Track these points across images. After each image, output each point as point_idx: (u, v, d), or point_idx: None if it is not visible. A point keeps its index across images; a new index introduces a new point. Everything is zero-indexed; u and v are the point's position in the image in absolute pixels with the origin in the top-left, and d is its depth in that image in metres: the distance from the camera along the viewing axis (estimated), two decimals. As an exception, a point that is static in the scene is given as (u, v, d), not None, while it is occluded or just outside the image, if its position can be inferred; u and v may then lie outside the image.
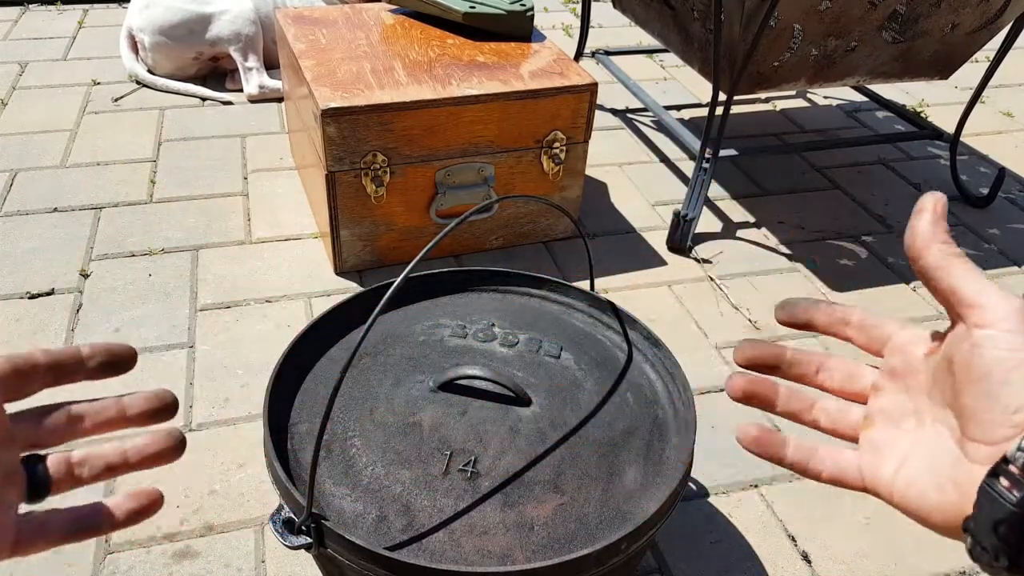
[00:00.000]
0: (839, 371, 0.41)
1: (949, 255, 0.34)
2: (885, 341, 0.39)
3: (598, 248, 1.45)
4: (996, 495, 0.30)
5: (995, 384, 0.31)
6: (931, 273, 0.34)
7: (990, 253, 1.52)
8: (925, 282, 0.35)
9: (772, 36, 1.29)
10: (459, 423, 0.72)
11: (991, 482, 0.30)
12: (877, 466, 0.37)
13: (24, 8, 2.30)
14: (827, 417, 0.40)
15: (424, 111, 1.22)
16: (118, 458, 0.37)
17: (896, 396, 0.38)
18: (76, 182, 1.54)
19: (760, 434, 0.39)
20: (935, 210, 0.35)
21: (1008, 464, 0.30)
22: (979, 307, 0.32)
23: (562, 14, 2.51)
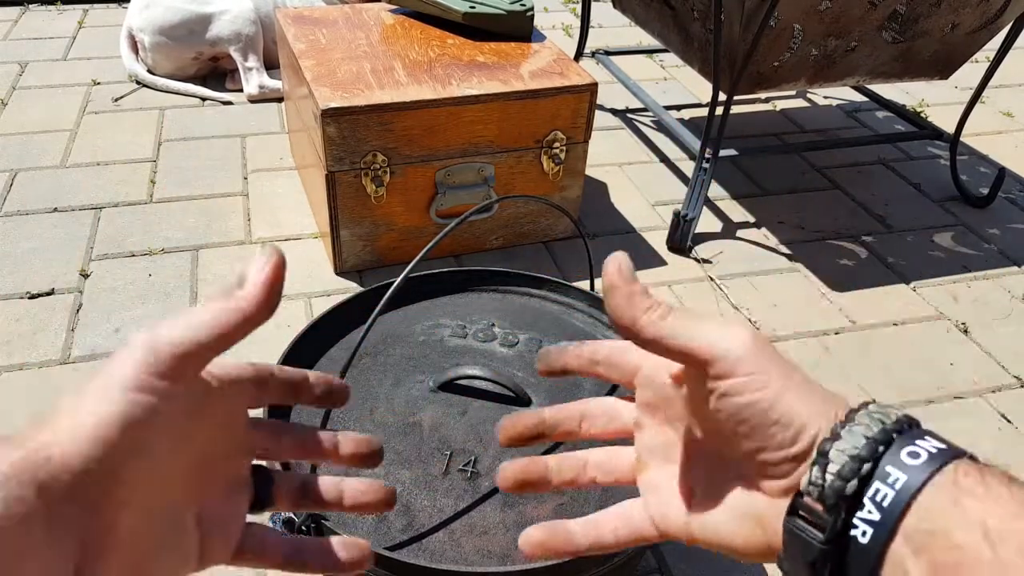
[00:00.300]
0: (600, 416, 0.40)
1: (658, 322, 0.32)
2: (634, 373, 0.38)
3: (598, 248, 1.45)
4: (802, 535, 0.29)
5: (759, 428, 0.31)
6: (655, 346, 0.33)
7: (990, 253, 1.52)
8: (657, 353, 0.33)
9: (772, 36, 1.29)
10: (459, 423, 0.73)
11: (793, 521, 0.30)
12: (664, 511, 0.36)
13: (24, 8, 2.30)
14: (602, 472, 0.40)
15: (424, 111, 1.22)
16: (334, 496, 0.38)
17: (658, 430, 0.37)
18: (76, 182, 1.54)
19: (546, 537, 0.37)
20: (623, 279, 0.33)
21: (803, 497, 0.29)
22: (712, 360, 0.31)
23: (562, 14, 2.51)
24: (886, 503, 0.28)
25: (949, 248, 1.53)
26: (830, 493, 0.28)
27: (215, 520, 0.34)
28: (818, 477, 0.29)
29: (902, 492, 0.27)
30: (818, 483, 0.29)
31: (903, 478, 0.28)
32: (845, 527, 0.29)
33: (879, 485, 0.28)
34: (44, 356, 1.14)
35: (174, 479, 0.31)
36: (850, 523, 0.28)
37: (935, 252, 1.51)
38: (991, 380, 1.23)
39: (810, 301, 1.36)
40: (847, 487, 0.28)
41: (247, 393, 0.36)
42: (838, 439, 0.29)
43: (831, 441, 0.29)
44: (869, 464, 0.28)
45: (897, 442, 0.29)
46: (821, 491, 0.29)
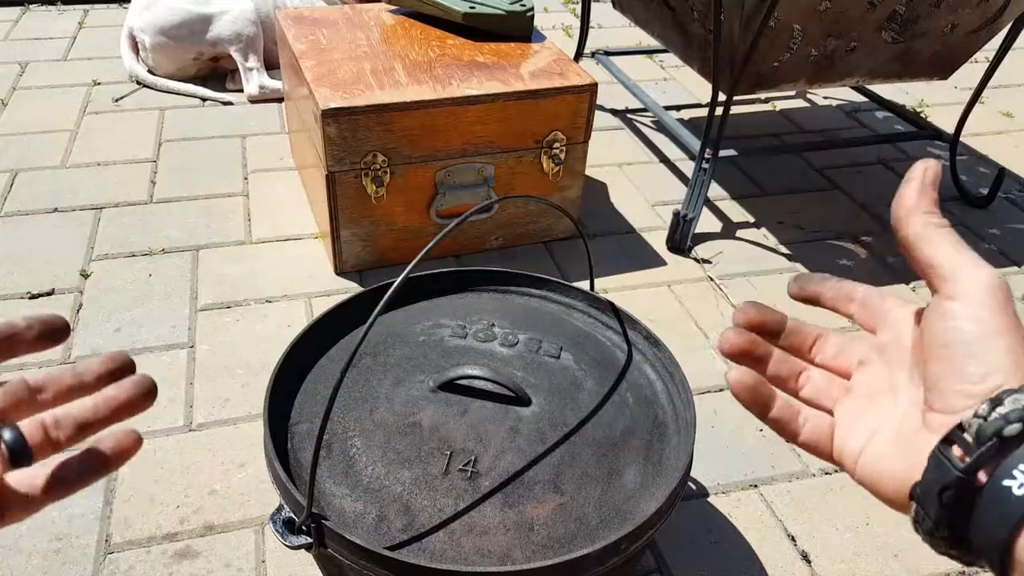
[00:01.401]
0: (832, 346, 0.41)
1: (930, 226, 0.34)
2: (883, 318, 0.39)
3: (598, 248, 1.45)
4: (946, 461, 0.29)
5: (958, 355, 0.31)
6: (911, 244, 0.34)
7: (990, 253, 1.52)
8: (905, 252, 0.35)
9: (772, 36, 1.29)
10: (459, 423, 0.73)
11: (943, 448, 0.30)
12: (846, 438, 0.37)
13: (24, 8, 2.30)
14: (811, 387, 0.40)
15: (424, 111, 1.22)
16: (89, 413, 0.36)
17: (879, 371, 0.38)
18: (76, 182, 1.54)
19: (756, 384, 0.39)
20: (924, 179, 0.34)
21: (963, 431, 0.30)
22: (952, 280, 0.32)
23: (562, 14, 2.51)
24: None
25: (949, 248, 1.53)
26: (988, 428, 0.28)
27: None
28: (984, 412, 0.29)
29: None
30: (982, 415, 0.29)
31: None
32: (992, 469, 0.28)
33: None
34: (44, 356, 1.14)
35: None
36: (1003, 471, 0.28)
37: (935, 252, 1.51)
38: (991, 380, 1.23)
39: (810, 301, 1.36)
40: (1007, 428, 0.28)
41: None
42: (1020, 392, 0.29)
43: (1013, 393, 0.29)
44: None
45: None
46: (981, 425, 0.29)
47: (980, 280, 0.32)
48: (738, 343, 0.40)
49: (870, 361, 0.38)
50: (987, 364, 0.30)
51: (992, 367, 0.30)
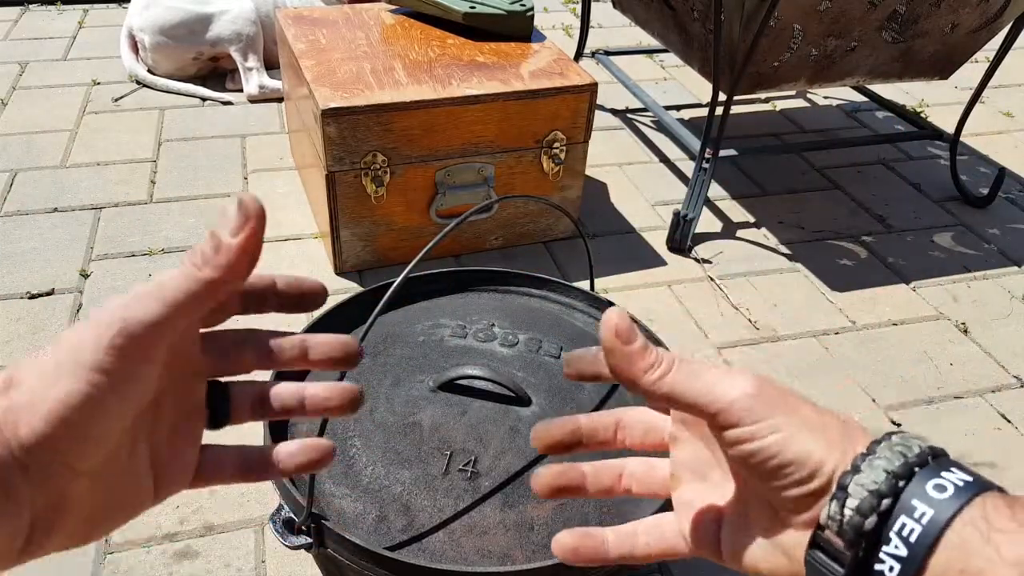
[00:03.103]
0: (637, 426, 0.40)
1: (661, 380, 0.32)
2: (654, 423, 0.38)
3: (598, 248, 1.45)
4: (822, 568, 0.29)
5: (774, 471, 0.31)
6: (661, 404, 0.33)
7: (990, 253, 1.52)
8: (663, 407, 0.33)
9: (772, 36, 1.29)
10: (459, 423, 0.73)
11: (814, 554, 0.30)
12: (696, 530, 0.36)
13: (24, 8, 2.30)
14: (637, 483, 0.39)
15: (424, 111, 1.22)
16: (296, 402, 0.36)
17: (693, 446, 0.37)
18: (76, 182, 1.54)
19: (579, 542, 0.37)
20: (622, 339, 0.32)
21: (824, 531, 0.29)
22: (717, 412, 0.31)
23: (562, 14, 2.51)
24: (913, 538, 0.27)
25: (949, 248, 1.53)
26: (848, 528, 0.28)
27: (170, 454, 0.32)
28: (836, 512, 0.29)
29: (930, 527, 0.27)
30: (836, 518, 0.29)
31: (930, 512, 0.27)
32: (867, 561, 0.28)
33: (905, 519, 0.28)
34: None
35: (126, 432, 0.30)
36: (874, 558, 0.28)
37: (935, 252, 1.51)
38: (991, 380, 1.23)
39: (810, 301, 1.36)
40: (866, 523, 0.28)
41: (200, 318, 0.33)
42: (858, 472, 0.29)
43: (851, 474, 0.29)
44: (889, 500, 0.28)
45: (920, 475, 0.28)
46: (840, 526, 0.29)
47: (741, 392, 0.31)
48: (548, 485, 0.38)
49: (679, 435, 0.38)
50: (805, 463, 0.30)
51: (811, 462, 0.30)
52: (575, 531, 0.37)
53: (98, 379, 0.27)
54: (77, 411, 0.27)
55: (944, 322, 1.34)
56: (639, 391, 0.32)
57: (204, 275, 0.30)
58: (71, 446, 0.27)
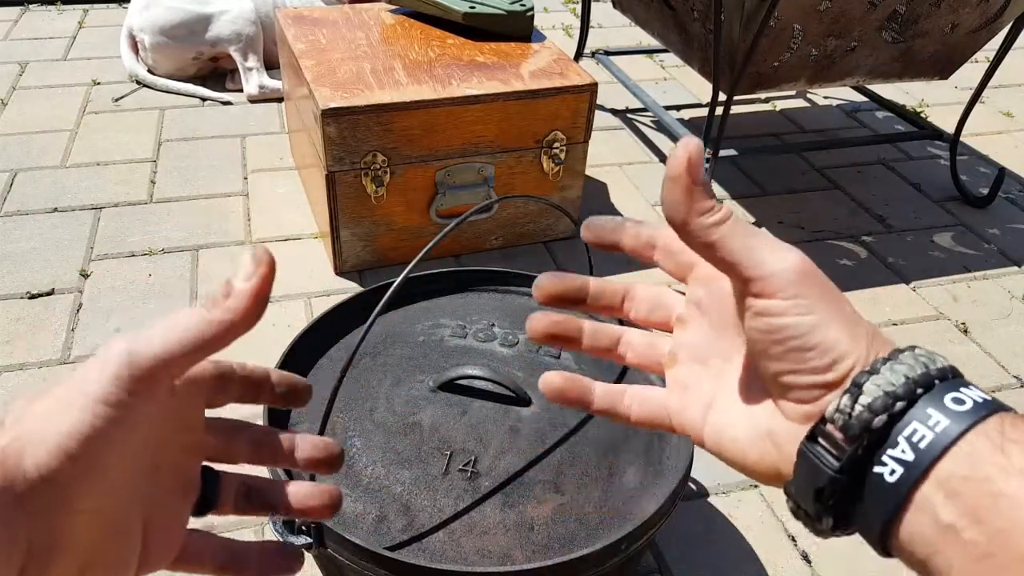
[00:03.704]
0: (645, 301, 0.39)
1: (712, 227, 0.30)
2: (690, 268, 0.36)
3: (598, 248, 1.45)
4: (816, 459, 0.28)
5: (794, 351, 0.30)
6: (700, 250, 0.31)
7: (990, 253, 1.52)
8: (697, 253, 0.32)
9: (772, 36, 1.29)
10: (459, 423, 0.72)
11: (809, 446, 0.29)
12: (684, 407, 0.35)
13: (24, 8, 2.30)
14: (633, 352, 0.38)
15: (424, 111, 1.22)
16: (278, 499, 0.37)
17: (701, 330, 0.36)
18: (76, 182, 1.54)
19: (564, 383, 0.37)
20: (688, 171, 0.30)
21: (826, 424, 0.29)
22: (758, 277, 0.30)
23: (562, 14, 2.51)
24: (923, 444, 0.27)
25: (949, 248, 1.53)
26: (855, 423, 0.28)
27: (160, 524, 0.33)
28: (847, 405, 0.28)
29: (942, 436, 0.26)
30: (845, 411, 0.28)
31: (945, 422, 0.27)
32: (865, 462, 0.28)
33: (917, 425, 0.27)
34: (44, 356, 1.14)
35: (126, 485, 0.30)
36: (875, 459, 0.27)
37: (935, 252, 1.51)
38: (991, 380, 1.23)
39: (810, 301, 1.36)
40: (875, 420, 0.27)
41: (206, 393, 0.34)
42: (876, 373, 0.28)
43: (869, 374, 0.28)
44: (904, 403, 0.27)
45: (940, 388, 0.28)
46: (847, 420, 0.28)
47: (787, 268, 0.30)
48: (542, 326, 0.37)
49: (688, 318, 0.37)
50: (828, 351, 0.29)
51: (835, 353, 0.29)
52: (564, 373, 0.37)
53: (104, 411, 0.28)
54: (83, 444, 0.27)
55: (944, 322, 1.34)
56: (687, 232, 0.31)
57: (214, 316, 0.30)
58: (73, 481, 0.27)
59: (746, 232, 0.31)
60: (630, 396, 0.37)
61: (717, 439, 0.34)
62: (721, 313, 0.35)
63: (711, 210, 0.31)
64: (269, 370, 0.37)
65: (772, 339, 0.30)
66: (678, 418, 0.36)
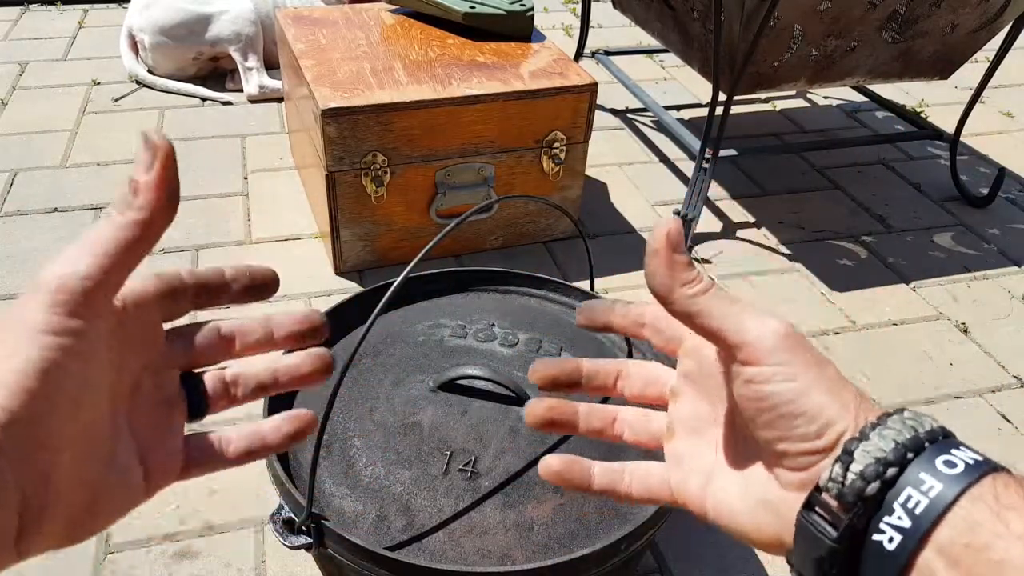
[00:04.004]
0: (638, 378, 0.39)
1: (695, 297, 0.32)
2: (679, 342, 0.37)
3: (598, 248, 1.45)
4: (814, 530, 0.29)
5: (783, 418, 0.30)
6: (685, 320, 0.32)
7: (990, 253, 1.52)
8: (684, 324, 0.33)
9: (772, 36, 1.29)
10: (459, 423, 0.73)
11: (807, 515, 0.29)
12: (684, 481, 0.36)
13: (24, 8, 2.30)
14: (630, 430, 0.39)
15: (424, 111, 1.22)
16: (269, 377, 0.37)
17: (694, 402, 0.37)
18: (76, 182, 1.54)
19: (563, 467, 0.37)
20: (669, 245, 0.32)
21: (821, 493, 0.29)
22: (742, 345, 0.31)
23: (562, 14, 2.51)
24: (919, 510, 0.27)
25: (949, 248, 1.53)
26: (849, 492, 0.28)
27: (153, 444, 0.33)
28: (839, 474, 0.28)
29: (937, 501, 0.27)
30: (838, 480, 0.28)
31: (938, 487, 0.27)
32: (863, 530, 0.28)
33: (911, 491, 0.27)
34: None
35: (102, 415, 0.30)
36: (872, 527, 0.28)
37: (935, 252, 1.51)
38: (991, 380, 1.23)
39: (810, 301, 1.36)
40: (868, 488, 0.27)
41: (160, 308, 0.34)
42: (866, 440, 0.28)
43: (858, 441, 0.28)
44: (895, 469, 0.28)
45: (930, 450, 0.28)
46: (840, 489, 0.28)
47: (770, 334, 0.30)
48: (539, 416, 0.38)
49: (681, 391, 0.37)
50: (816, 418, 0.30)
51: (823, 419, 0.29)
52: (563, 456, 0.38)
53: (50, 341, 0.27)
54: (38, 378, 0.27)
55: (944, 322, 1.34)
56: (672, 303, 0.32)
57: (127, 218, 0.30)
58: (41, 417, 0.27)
59: (729, 300, 0.32)
60: (629, 474, 0.38)
61: (717, 511, 0.34)
62: (712, 384, 0.36)
63: (693, 281, 0.32)
64: (224, 268, 0.37)
65: (760, 406, 0.31)
66: (679, 492, 0.36)
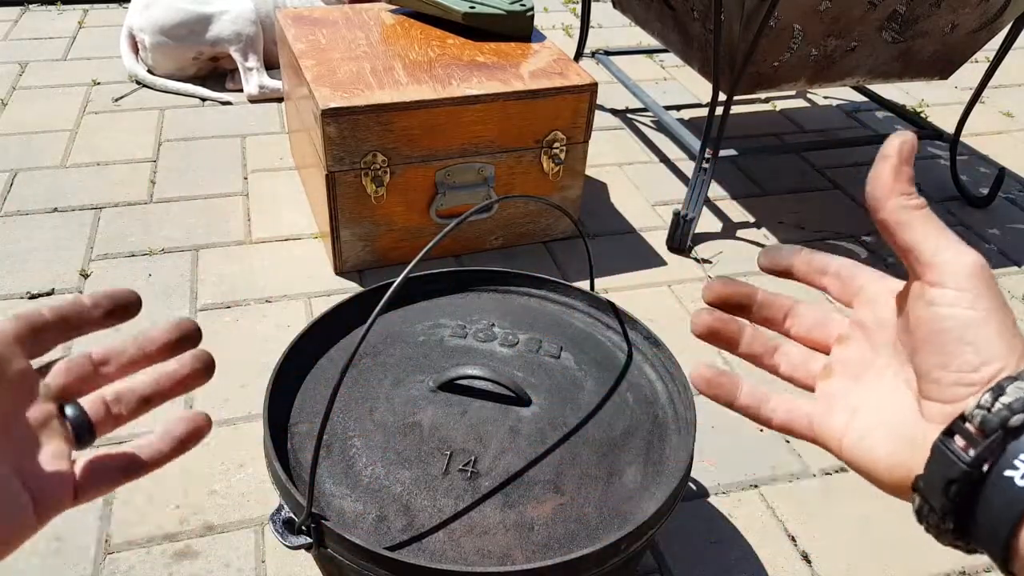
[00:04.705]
0: (808, 318, 0.40)
1: (907, 209, 0.32)
2: (857, 292, 0.38)
3: (598, 248, 1.45)
4: (950, 453, 0.29)
5: (951, 344, 0.30)
6: (889, 228, 0.33)
7: (990, 253, 1.52)
8: (883, 235, 0.34)
9: (772, 36, 1.29)
10: (459, 423, 0.72)
11: (946, 440, 0.29)
12: (827, 416, 0.36)
13: (24, 8, 2.30)
14: (788, 363, 0.39)
15: (424, 111, 1.22)
16: (150, 388, 0.37)
17: (860, 349, 0.37)
18: (76, 182, 1.54)
19: (714, 376, 0.39)
20: (899, 155, 0.32)
21: (965, 422, 0.29)
22: (934, 265, 0.31)
23: (562, 14, 2.51)
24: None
25: (949, 248, 1.52)
26: (993, 419, 0.28)
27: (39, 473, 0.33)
28: (987, 402, 0.28)
29: None
30: (985, 406, 0.28)
31: None
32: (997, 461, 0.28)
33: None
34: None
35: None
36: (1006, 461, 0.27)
37: (935, 252, 1.51)
38: (991, 380, 1.23)
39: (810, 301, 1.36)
40: (1013, 419, 0.27)
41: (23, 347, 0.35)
42: (1021, 380, 0.28)
43: (1014, 379, 0.29)
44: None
45: None
46: (985, 415, 0.28)
47: (964, 264, 0.31)
48: (706, 322, 0.39)
49: (850, 337, 0.38)
50: (982, 351, 0.30)
51: (988, 354, 0.30)
52: (714, 367, 0.39)
53: None
54: None
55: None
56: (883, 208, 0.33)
57: None
58: None
59: (937, 223, 0.32)
60: (776, 401, 0.38)
61: (855, 446, 0.34)
62: (882, 334, 0.36)
63: (910, 195, 0.33)
64: (81, 297, 0.37)
65: (934, 328, 0.31)
66: (820, 425, 0.36)
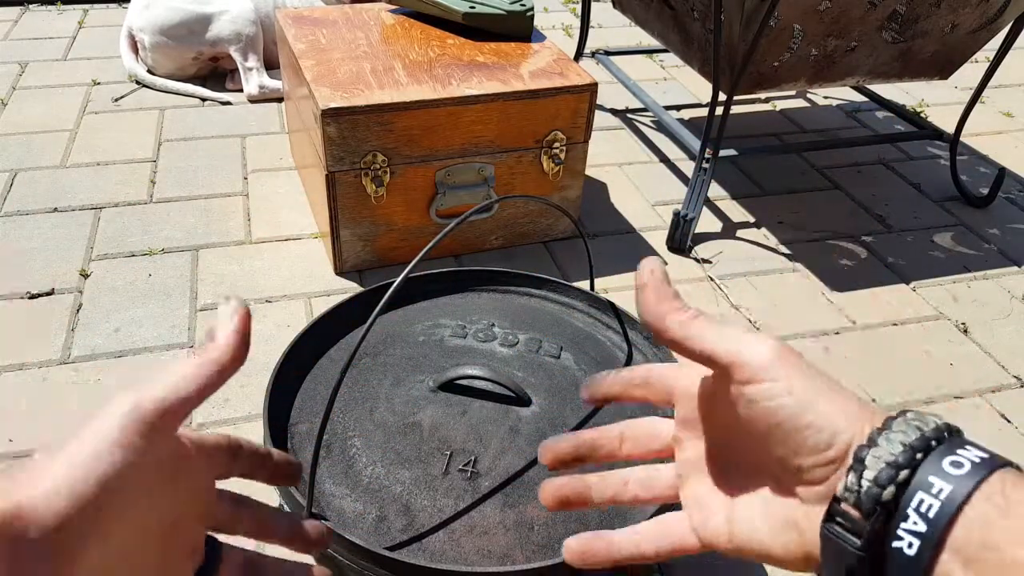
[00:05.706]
0: (639, 433, 0.40)
1: (686, 323, 0.33)
2: (671, 392, 0.38)
3: (598, 248, 1.45)
4: (839, 541, 0.29)
5: (791, 432, 0.30)
6: (680, 346, 0.34)
7: (990, 253, 1.52)
8: (678, 353, 0.34)
9: (772, 36, 1.29)
10: (459, 423, 0.73)
11: (830, 527, 0.30)
12: (705, 520, 0.36)
13: (24, 8, 2.30)
14: (643, 488, 0.40)
15: (424, 111, 1.22)
16: None
17: (697, 444, 0.37)
18: (76, 182, 1.54)
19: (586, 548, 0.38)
20: (653, 280, 0.34)
21: (840, 503, 0.29)
22: (738, 365, 0.32)
23: (562, 14, 2.51)
24: (931, 514, 0.27)
25: (949, 248, 1.53)
26: (866, 499, 0.28)
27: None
28: (854, 483, 0.29)
29: (947, 503, 0.27)
30: (854, 489, 0.29)
31: (947, 488, 0.27)
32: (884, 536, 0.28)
33: (922, 495, 0.28)
34: (44, 356, 1.14)
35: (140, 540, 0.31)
36: (891, 533, 0.28)
37: (935, 252, 1.51)
38: (991, 380, 1.23)
39: (810, 301, 1.36)
40: (883, 493, 0.28)
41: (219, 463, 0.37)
42: (875, 446, 0.29)
43: (867, 447, 0.29)
44: (907, 471, 0.28)
45: (937, 451, 0.28)
46: (857, 497, 0.29)
47: (763, 354, 0.31)
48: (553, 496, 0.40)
49: (682, 437, 0.38)
50: (824, 429, 0.30)
51: (830, 430, 0.30)
52: (582, 536, 0.38)
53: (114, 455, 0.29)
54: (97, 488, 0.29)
55: (944, 322, 1.34)
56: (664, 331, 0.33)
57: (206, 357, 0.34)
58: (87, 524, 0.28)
59: (719, 323, 0.33)
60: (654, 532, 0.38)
61: (744, 540, 0.35)
62: (709, 422, 0.36)
63: (681, 308, 0.34)
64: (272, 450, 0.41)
65: (769, 422, 0.31)
66: (704, 534, 0.37)
